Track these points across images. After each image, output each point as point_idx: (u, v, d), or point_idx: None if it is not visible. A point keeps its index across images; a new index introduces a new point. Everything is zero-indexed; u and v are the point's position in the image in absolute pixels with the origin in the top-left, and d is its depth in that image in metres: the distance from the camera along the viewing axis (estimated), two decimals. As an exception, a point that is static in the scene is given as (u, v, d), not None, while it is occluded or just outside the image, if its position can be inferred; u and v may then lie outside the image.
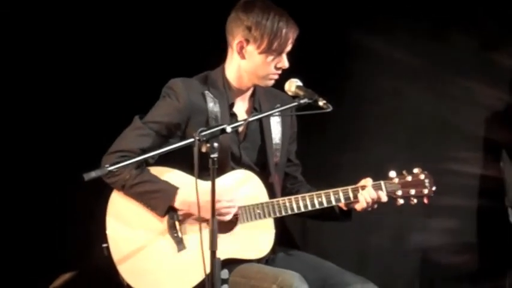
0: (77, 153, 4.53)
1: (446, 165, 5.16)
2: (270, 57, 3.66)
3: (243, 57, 3.69)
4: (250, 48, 3.66)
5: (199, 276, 3.50)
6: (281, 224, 3.79)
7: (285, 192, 3.86)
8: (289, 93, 3.65)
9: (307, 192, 3.76)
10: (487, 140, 5.30)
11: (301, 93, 3.60)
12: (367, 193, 3.67)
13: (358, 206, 3.70)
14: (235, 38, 3.68)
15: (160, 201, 3.61)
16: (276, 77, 3.72)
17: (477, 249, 5.36)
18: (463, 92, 5.26)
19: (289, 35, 3.65)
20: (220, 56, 3.82)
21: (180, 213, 3.64)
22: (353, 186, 3.70)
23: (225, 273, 3.54)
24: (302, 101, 3.56)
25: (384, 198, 3.70)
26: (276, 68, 3.70)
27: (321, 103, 3.53)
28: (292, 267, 3.66)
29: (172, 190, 3.61)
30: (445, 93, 5.28)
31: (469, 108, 5.27)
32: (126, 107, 3.85)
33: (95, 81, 4.77)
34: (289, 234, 3.92)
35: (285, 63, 3.70)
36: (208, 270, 3.23)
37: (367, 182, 3.71)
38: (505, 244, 5.09)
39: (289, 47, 3.68)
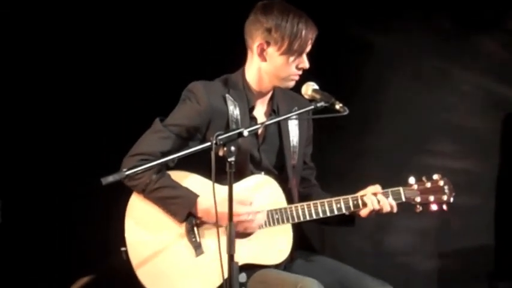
0: (98, 155, 4.55)
1: (463, 170, 5.21)
2: (291, 58, 3.66)
3: (263, 59, 3.69)
4: (271, 50, 3.66)
5: (217, 281, 3.50)
6: (298, 228, 3.78)
7: (298, 195, 3.87)
8: (306, 97, 3.66)
9: (316, 195, 3.80)
10: (506, 144, 5.33)
11: (317, 96, 3.59)
12: (371, 199, 3.69)
13: (364, 211, 3.71)
14: (255, 41, 3.68)
15: (180, 207, 3.62)
16: (297, 77, 3.73)
17: (494, 251, 5.37)
18: (478, 96, 5.30)
19: (309, 36, 3.65)
20: (239, 59, 3.81)
21: (198, 219, 3.65)
22: (361, 194, 3.72)
23: (243, 277, 3.54)
24: (319, 105, 3.55)
25: (387, 208, 3.70)
26: (297, 69, 3.70)
27: (337, 106, 3.53)
28: (310, 271, 3.67)
29: (192, 197, 3.62)
30: (461, 97, 5.32)
31: (484, 112, 5.33)
32: (147, 110, 3.87)
33: (116, 84, 4.79)
34: (307, 238, 3.92)
35: (305, 63, 3.70)
36: (226, 275, 3.22)
37: (377, 188, 3.72)
38: None
39: (309, 48, 3.69)
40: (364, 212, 3.70)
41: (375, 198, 3.68)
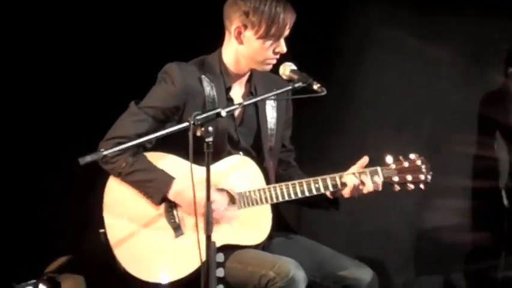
0: (75, 138, 4.48)
1: (440, 146, 5.18)
2: (268, 43, 3.64)
3: (240, 42, 3.68)
4: (248, 34, 3.64)
5: (196, 262, 3.45)
6: (276, 208, 3.78)
7: (277, 177, 3.86)
8: (284, 77, 3.64)
9: (297, 176, 3.78)
10: (481, 121, 5.28)
11: (295, 77, 3.58)
12: (351, 178, 3.67)
13: (346, 191, 3.70)
14: (233, 23, 3.66)
15: (155, 191, 3.62)
16: (274, 61, 3.71)
17: (471, 230, 5.36)
18: (457, 73, 5.26)
19: (287, 20, 3.63)
20: (216, 40, 3.79)
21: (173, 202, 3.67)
22: (348, 172, 3.70)
23: (220, 257, 3.48)
24: (296, 85, 3.54)
25: (370, 187, 3.68)
26: (274, 53, 3.68)
27: (315, 87, 3.52)
28: (289, 251, 3.68)
29: (167, 180, 3.62)
30: (439, 74, 5.27)
31: (463, 89, 5.26)
32: (123, 92, 3.84)
33: (90, 67, 4.75)
34: (284, 219, 3.92)
35: (283, 47, 3.67)
36: (203, 255, 3.22)
37: (364, 161, 3.71)
38: (499, 225, 5.11)
39: (287, 32, 3.66)
40: (346, 192, 3.70)
41: (354, 177, 3.67)
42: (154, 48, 4.64)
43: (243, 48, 3.67)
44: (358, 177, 3.68)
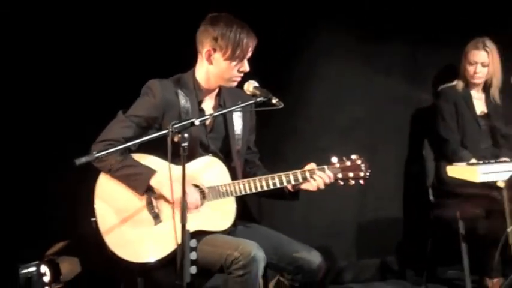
0: (70, 140, 4.49)
1: (377, 152, 5.40)
2: (234, 63, 3.80)
3: (210, 63, 3.84)
4: (217, 56, 3.81)
5: (173, 245, 3.59)
6: (241, 201, 3.92)
7: (245, 175, 3.99)
8: (248, 93, 3.80)
9: (262, 174, 3.89)
10: (412, 132, 5.58)
11: (257, 92, 3.75)
12: (320, 174, 3.81)
13: (310, 186, 3.82)
14: (204, 47, 3.83)
15: (140, 182, 3.73)
16: (239, 79, 3.88)
17: (404, 222, 5.65)
18: (393, 90, 5.52)
19: (249, 44, 3.80)
20: (191, 61, 3.95)
21: (156, 192, 3.76)
22: (301, 170, 3.85)
23: (193, 243, 3.50)
24: (258, 99, 3.71)
25: (328, 179, 3.86)
26: (239, 72, 3.84)
27: (274, 101, 3.70)
28: (250, 237, 3.79)
29: (150, 172, 3.74)
30: (378, 91, 5.49)
31: (398, 106, 5.56)
32: (112, 103, 3.94)
33: (85, 80, 4.81)
34: (248, 210, 4.06)
35: (246, 67, 3.84)
36: (179, 241, 3.37)
37: (312, 166, 3.85)
38: (426, 218, 5.26)
39: (249, 54, 3.83)
40: (304, 186, 3.83)
41: (321, 173, 3.79)
42: (139, 66, 4.70)
43: (213, 68, 3.82)
44: (311, 175, 3.79)
